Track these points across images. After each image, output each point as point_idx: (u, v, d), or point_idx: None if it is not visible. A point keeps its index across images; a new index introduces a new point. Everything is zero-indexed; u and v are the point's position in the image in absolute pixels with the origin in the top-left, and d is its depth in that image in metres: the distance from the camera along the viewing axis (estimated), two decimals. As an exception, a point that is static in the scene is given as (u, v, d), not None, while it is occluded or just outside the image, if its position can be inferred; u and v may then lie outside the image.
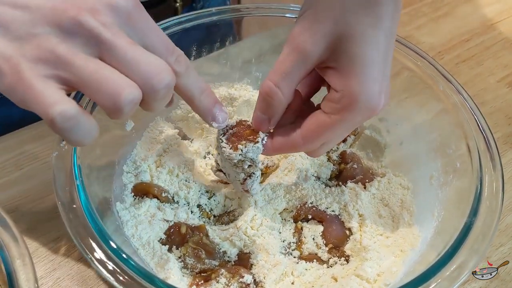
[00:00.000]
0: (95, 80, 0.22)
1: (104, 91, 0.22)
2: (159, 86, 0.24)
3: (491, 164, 0.33)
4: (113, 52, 0.23)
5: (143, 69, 0.23)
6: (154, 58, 0.24)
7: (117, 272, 0.27)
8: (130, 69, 0.23)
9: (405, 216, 0.36)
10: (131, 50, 0.23)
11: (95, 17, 0.23)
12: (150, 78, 0.23)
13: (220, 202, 0.37)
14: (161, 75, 0.23)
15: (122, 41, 0.23)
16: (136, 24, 0.24)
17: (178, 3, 0.51)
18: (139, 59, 0.23)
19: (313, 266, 0.34)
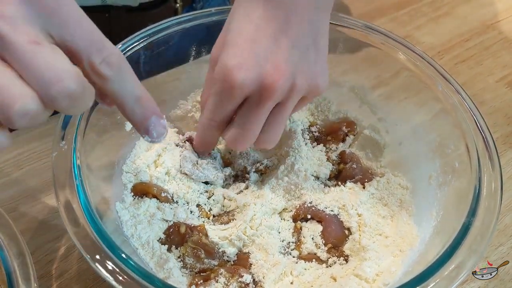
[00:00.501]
0: None
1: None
2: (59, 96, 0.20)
3: (490, 164, 0.33)
4: (11, 52, 0.19)
5: (40, 75, 0.19)
6: (58, 61, 0.20)
7: (116, 272, 0.27)
8: (27, 74, 0.20)
9: (404, 216, 0.36)
10: (30, 49, 0.19)
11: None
12: (49, 86, 0.20)
13: (219, 202, 0.37)
14: (63, 83, 0.20)
15: (21, 38, 0.19)
16: (54, 15, 0.20)
17: (178, 4, 0.51)
18: (37, 62, 0.19)
19: (312, 266, 0.34)
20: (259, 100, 0.29)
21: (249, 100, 0.30)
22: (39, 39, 0.20)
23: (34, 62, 0.20)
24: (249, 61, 0.28)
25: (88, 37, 0.21)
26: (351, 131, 0.42)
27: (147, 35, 0.39)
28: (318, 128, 0.42)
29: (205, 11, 0.42)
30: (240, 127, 0.31)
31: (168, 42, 0.40)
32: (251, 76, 0.28)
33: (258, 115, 0.30)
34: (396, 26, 0.59)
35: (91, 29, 0.22)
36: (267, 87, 0.29)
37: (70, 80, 0.20)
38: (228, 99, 0.30)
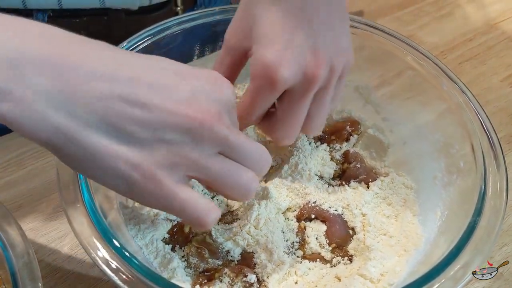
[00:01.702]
0: (226, 178, 0.25)
1: (236, 188, 0.25)
2: (267, 169, 0.27)
3: (495, 164, 0.33)
4: (235, 151, 0.25)
5: (256, 159, 0.26)
6: (255, 143, 0.26)
7: (120, 271, 0.27)
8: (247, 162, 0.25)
9: (409, 215, 0.36)
10: (247, 144, 0.25)
11: (222, 122, 0.24)
12: (264, 165, 0.27)
13: (223, 202, 0.37)
14: (268, 159, 0.27)
15: (242, 138, 0.25)
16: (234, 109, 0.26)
17: (179, 7, 0.51)
18: (252, 150, 0.26)
19: (316, 266, 0.34)
20: (303, 91, 0.29)
21: (291, 93, 0.30)
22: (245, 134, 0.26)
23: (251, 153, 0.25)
24: (288, 54, 0.28)
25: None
26: (355, 131, 0.42)
27: (151, 33, 0.39)
28: (321, 127, 0.42)
29: (208, 10, 0.42)
30: (287, 123, 0.31)
31: (172, 41, 0.40)
32: (293, 69, 0.28)
33: (303, 106, 0.30)
34: (399, 25, 0.59)
35: None
36: (310, 77, 0.29)
37: (268, 155, 0.27)
38: (270, 95, 0.30)
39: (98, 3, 0.45)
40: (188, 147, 0.23)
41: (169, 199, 0.23)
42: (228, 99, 0.25)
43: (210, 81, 0.25)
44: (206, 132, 0.23)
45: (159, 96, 0.22)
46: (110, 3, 0.46)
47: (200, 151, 0.23)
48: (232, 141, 0.24)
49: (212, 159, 0.24)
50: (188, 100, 0.23)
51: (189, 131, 0.23)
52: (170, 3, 0.50)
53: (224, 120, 0.24)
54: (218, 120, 0.24)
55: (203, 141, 0.23)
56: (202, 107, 0.23)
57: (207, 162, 0.24)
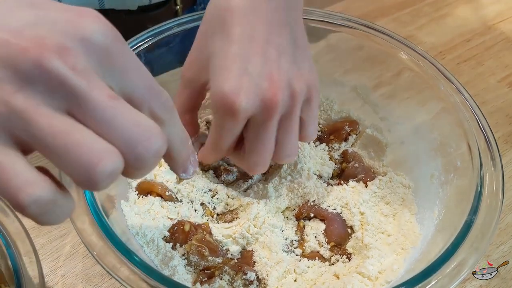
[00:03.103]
0: (62, 145, 0.17)
1: (74, 160, 0.17)
2: (147, 155, 0.18)
3: (491, 163, 0.33)
4: (88, 108, 0.17)
5: (127, 132, 0.17)
6: (141, 117, 0.18)
7: (122, 269, 0.27)
8: (109, 132, 0.17)
9: (406, 214, 0.36)
10: (112, 105, 0.17)
11: (63, 58, 0.17)
12: (136, 144, 0.18)
13: (223, 201, 0.37)
14: (150, 141, 0.18)
15: (100, 93, 0.17)
16: (116, 64, 0.18)
17: (178, 6, 0.51)
18: (122, 119, 0.17)
19: (315, 264, 0.34)
20: (264, 119, 0.28)
21: (254, 122, 0.29)
22: (114, 93, 0.18)
23: (118, 119, 0.17)
24: (245, 82, 0.27)
25: (146, 83, 0.20)
26: (354, 130, 0.42)
27: (150, 35, 0.39)
28: (320, 127, 0.42)
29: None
30: (255, 152, 0.30)
31: (172, 42, 0.40)
32: (251, 98, 0.27)
33: (267, 133, 0.29)
34: (398, 26, 0.59)
35: (147, 74, 0.20)
36: (269, 103, 0.28)
37: (158, 137, 0.18)
38: (233, 126, 0.29)
39: (98, 5, 0.45)
40: (9, 87, 0.16)
41: None
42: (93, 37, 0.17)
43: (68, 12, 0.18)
44: (29, 64, 0.16)
45: None
46: (109, 5, 0.46)
47: (27, 97, 0.17)
48: (77, 88, 0.17)
49: (47, 114, 0.17)
50: (20, 27, 0.17)
51: (7, 62, 0.16)
52: (169, 2, 0.50)
53: (68, 55, 0.17)
54: (54, 53, 0.17)
55: (32, 81, 0.16)
56: (35, 35, 0.17)
57: (34, 115, 0.17)
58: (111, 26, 0.19)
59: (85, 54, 0.18)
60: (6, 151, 0.17)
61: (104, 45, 0.18)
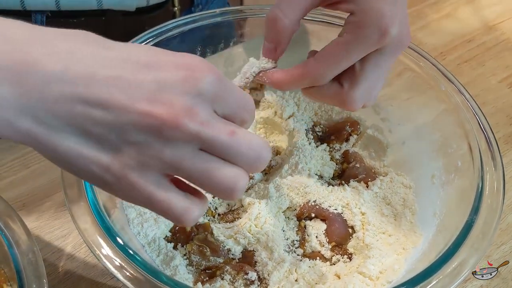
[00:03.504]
0: (206, 178, 0.22)
1: (217, 187, 0.23)
2: (262, 165, 0.24)
3: (492, 164, 0.33)
4: (217, 147, 0.22)
5: (246, 157, 0.23)
6: (252, 139, 0.23)
7: (124, 268, 0.27)
8: (235, 158, 0.23)
9: (407, 214, 0.36)
10: (233, 141, 0.23)
11: (192, 118, 0.21)
12: (255, 163, 0.23)
13: (224, 201, 0.37)
14: (263, 156, 0.24)
15: (223, 134, 0.22)
16: (221, 98, 0.23)
17: (176, 7, 0.51)
18: (241, 148, 0.23)
19: (316, 264, 0.34)
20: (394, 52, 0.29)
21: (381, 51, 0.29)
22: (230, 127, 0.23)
23: (238, 149, 0.23)
24: (399, 13, 0.28)
25: (239, 103, 0.24)
26: (355, 131, 0.42)
27: (152, 35, 0.39)
28: (321, 127, 0.43)
29: (209, 12, 0.42)
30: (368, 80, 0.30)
31: (172, 43, 0.41)
32: (398, 29, 0.28)
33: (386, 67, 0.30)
34: (399, 27, 0.59)
35: (239, 94, 0.24)
36: (405, 40, 0.29)
37: (267, 152, 0.24)
38: (368, 49, 0.29)
39: (96, 4, 0.46)
40: (157, 146, 0.21)
41: (145, 200, 0.22)
42: (205, 88, 0.22)
43: (181, 71, 0.22)
44: (170, 130, 0.21)
45: (118, 93, 0.21)
46: (107, 5, 0.46)
47: (172, 150, 0.21)
48: (208, 138, 0.22)
49: (190, 158, 0.22)
50: (150, 95, 0.21)
51: (153, 131, 0.21)
52: (167, 3, 0.51)
53: (196, 114, 0.21)
54: (185, 116, 0.21)
55: (171, 139, 0.21)
56: (166, 103, 0.21)
57: (182, 162, 0.22)
58: (215, 71, 0.23)
59: (203, 106, 0.22)
60: (162, 188, 0.22)
61: (213, 91, 0.22)
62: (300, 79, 0.31)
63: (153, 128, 0.21)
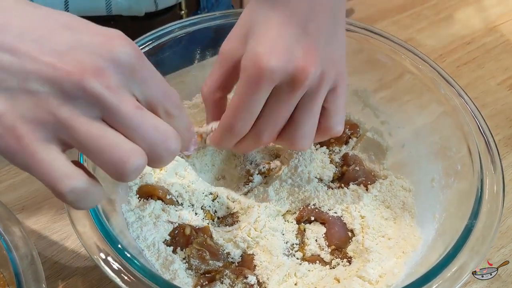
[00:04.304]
0: (98, 146, 0.21)
1: (108, 158, 0.21)
2: (165, 153, 0.23)
3: (492, 167, 0.33)
4: (118, 117, 0.21)
5: (149, 136, 0.22)
6: (160, 123, 0.23)
7: (122, 272, 0.27)
8: (135, 135, 0.22)
9: (407, 218, 0.36)
10: (137, 115, 0.22)
11: (99, 79, 0.21)
12: (157, 145, 0.22)
13: (224, 204, 0.37)
14: (168, 142, 0.23)
15: (128, 106, 0.21)
16: (138, 77, 0.22)
17: (183, 11, 0.51)
18: (145, 125, 0.22)
19: (315, 267, 0.34)
20: (290, 88, 0.28)
21: (278, 90, 0.28)
22: (138, 103, 0.22)
23: (142, 126, 0.22)
24: (280, 47, 0.27)
25: (162, 88, 0.23)
26: (354, 134, 0.42)
27: (153, 37, 0.39)
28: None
29: (209, 15, 0.42)
30: (267, 118, 0.29)
31: (173, 45, 0.41)
32: (283, 61, 0.27)
33: (288, 104, 0.29)
34: (398, 29, 0.59)
35: (162, 80, 0.24)
36: (300, 72, 0.27)
37: (173, 139, 0.23)
38: (257, 91, 0.28)
39: (105, 11, 0.46)
40: (55, 101, 0.20)
41: (26, 157, 0.21)
42: (121, 57, 0.21)
43: (100, 36, 0.22)
44: (72, 85, 0.20)
45: (30, 43, 0.20)
46: (117, 11, 0.46)
47: (69, 108, 0.21)
48: (111, 103, 0.21)
49: (86, 122, 0.21)
50: (63, 51, 0.21)
51: (55, 83, 0.20)
52: (174, 7, 0.51)
53: (103, 76, 0.21)
54: (93, 75, 0.20)
55: (72, 97, 0.20)
56: (75, 59, 0.21)
57: (77, 124, 0.21)
58: (135, 46, 0.22)
59: (116, 73, 0.21)
60: (49, 150, 0.21)
61: (130, 63, 0.22)
62: (223, 135, 0.31)
63: (56, 80, 0.20)
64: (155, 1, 0.48)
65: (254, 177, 0.39)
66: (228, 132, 0.30)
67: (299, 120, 0.30)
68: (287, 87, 0.28)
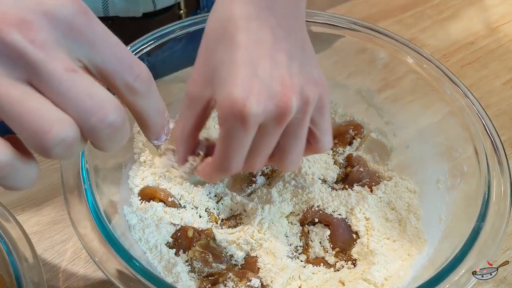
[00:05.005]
0: (17, 112, 0.18)
1: (27, 126, 0.18)
2: (100, 125, 0.19)
3: (498, 168, 0.33)
4: (45, 79, 0.18)
5: (80, 103, 0.18)
6: (98, 89, 0.19)
7: (123, 275, 0.27)
8: (64, 102, 0.18)
9: (412, 220, 0.36)
10: (68, 77, 0.18)
11: (23, 32, 0.18)
12: (89, 115, 0.19)
13: (227, 206, 0.37)
14: (103, 112, 0.19)
15: (57, 65, 0.18)
16: (82, 37, 0.19)
17: (182, 11, 0.51)
18: (76, 90, 0.18)
19: (320, 270, 0.34)
20: (275, 123, 0.26)
21: (263, 126, 0.27)
22: (74, 65, 0.19)
23: (72, 90, 0.18)
24: (255, 86, 0.25)
25: (118, 55, 0.20)
26: (358, 134, 0.42)
27: (154, 37, 0.39)
28: (325, 131, 0.42)
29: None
30: (257, 152, 0.28)
31: (175, 45, 0.40)
32: (263, 102, 0.25)
33: (275, 137, 0.28)
34: (401, 28, 0.59)
35: (119, 45, 0.21)
36: (283, 107, 0.26)
37: (111, 109, 0.19)
38: (243, 135, 0.26)
39: (102, 12, 0.45)
40: None
41: None
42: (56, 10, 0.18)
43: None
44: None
45: None
46: (114, 12, 0.46)
47: None
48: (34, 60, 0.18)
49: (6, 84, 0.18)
50: None
51: None
52: (173, 6, 0.51)
53: (30, 30, 0.18)
54: (16, 27, 0.18)
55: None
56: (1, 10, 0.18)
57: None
58: (80, 1, 0.19)
59: (47, 28, 0.18)
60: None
61: (67, 19, 0.19)
62: (216, 177, 0.30)
63: None
64: (153, 1, 0.48)
65: (257, 178, 0.38)
66: (223, 172, 0.29)
67: (287, 148, 0.29)
68: (272, 122, 0.27)
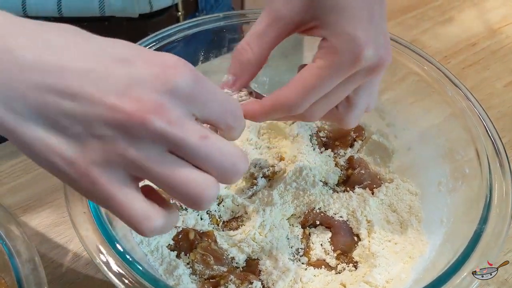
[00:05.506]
0: (172, 184, 0.21)
1: (184, 193, 0.22)
2: (236, 177, 0.23)
3: (500, 171, 0.33)
4: (185, 150, 0.21)
5: (218, 164, 0.22)
6: (227, 146, 0.22)
7: (125, 277, 0.27)
8: (205, 165, 0.22)
9: (414, 222, 0.36)
10: (203, 144, 0.21)
11: (161, 116, 0.20)
12: (227, 171, 0.22)
13: (229, 208, 0.37)
14: (237, 166, 0.22)
15: (193, 136, 0.21)
16: (197, 100, 0.22)
17: (180, 12, 0.51)
18: (213, 154, 0.22)
19: (321, 273, 0.33)
20: (367, 73, 0.27)
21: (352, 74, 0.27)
22: (203, 131, 0.22)
23: (210, 155, 0.22)
24: (373, 33, 0.27)
25: (222, 107, 0.23)
26: (359, 136, 0.42)
27: (156, 39, 0.39)
28: (326, 133, 0.42)
29: (212, 16, 0.42)
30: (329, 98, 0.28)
31: (176, 47, 0.40)
32: (376, 50, 0.26)
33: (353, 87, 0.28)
34: (402, 30, 0.59)
35: (222, 97, 0.23)
36: (383, 59, 0.27)
37: (242, 162, 0.23)
38: (345, 74, 0.27)
39: (98, 12, 0.45)
40: (122, 143, 0.21)
41: (105, 199, 0.21)
42: (178, 86, 0.21)
43: (155, 67, 0.21)
44: (136, 127, 0.20)
45: (88, 86, 0.20)
46: (110, 12, 0.46)
47: (137, 148, 0.21)
48: (175, 138, 0.21)
49: (156, 160, 0.21)
50: (120, 89, 0.20)
51: (119, 126, 0.20)
52: (171, 8, 0.50)
53: (164, 113, 0.21)
54: (152, 114, 0.20)
55: (137, 137, 0.20)
56: (134, 98, 0.20)
57: (147, 162, 0.21)
58: (191, 70, 0.22)
59: (176, 105, 0.21)
60: (125, 190, 0.21)
61: (188, 91, 0.21)
62: (273, 110, 0.29)
63: (119, 123, 0.20)
64: (150, 2, 0.48)
65: (258, 180, 0.38)
66: (285, 110, 0.28)
67: (357, 102, 0.29)
68: (366, 71, 0.27)
